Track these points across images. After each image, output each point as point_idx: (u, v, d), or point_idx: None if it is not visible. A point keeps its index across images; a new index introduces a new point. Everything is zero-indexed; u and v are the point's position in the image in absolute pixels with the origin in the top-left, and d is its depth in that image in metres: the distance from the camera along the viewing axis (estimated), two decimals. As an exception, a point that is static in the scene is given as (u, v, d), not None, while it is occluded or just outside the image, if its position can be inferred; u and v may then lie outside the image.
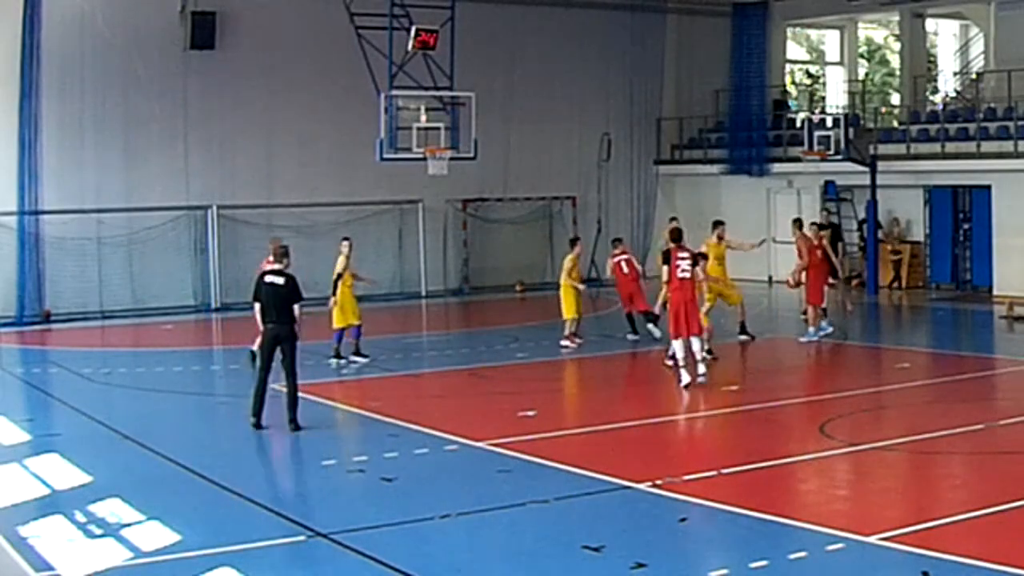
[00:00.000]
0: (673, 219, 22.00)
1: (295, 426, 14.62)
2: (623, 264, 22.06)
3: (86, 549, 10.03)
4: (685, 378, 16.74)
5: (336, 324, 19.56)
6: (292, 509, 11.22)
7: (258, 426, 14.72)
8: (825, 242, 22.13)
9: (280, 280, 14.78)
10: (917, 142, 29.54)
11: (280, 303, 14.68)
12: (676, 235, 17.52)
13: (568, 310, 21.31)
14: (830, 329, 21.42)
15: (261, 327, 14.87)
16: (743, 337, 21.60)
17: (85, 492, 11.90)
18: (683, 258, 17.05)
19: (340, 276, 19.47)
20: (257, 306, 14.92)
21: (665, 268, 17.18)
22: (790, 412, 15.93)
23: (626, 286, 22.02)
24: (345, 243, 19.77)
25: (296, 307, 14.65)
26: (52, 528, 10.61)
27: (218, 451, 14.17)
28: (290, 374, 14.71)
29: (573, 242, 22.58)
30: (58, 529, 10.59)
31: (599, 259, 33.51)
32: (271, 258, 17.56)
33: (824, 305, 21.51)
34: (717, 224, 22.04)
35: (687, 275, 16.99)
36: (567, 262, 21.60)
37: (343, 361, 19.54)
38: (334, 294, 19.46)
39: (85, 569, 9.50)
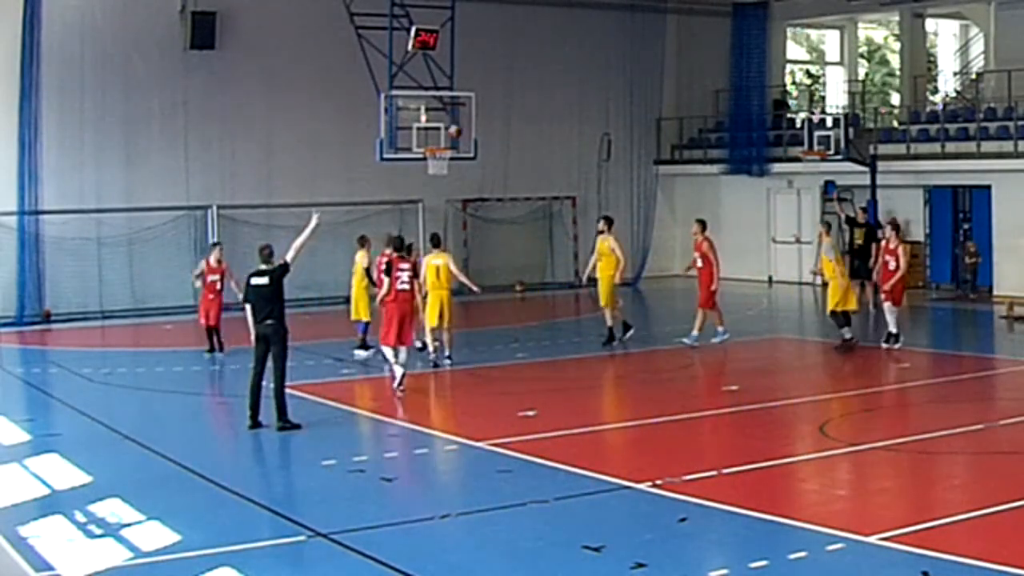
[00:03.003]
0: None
1: (282, 425, 14.62)
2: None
3: (86, 549, 10.03)
4: (399, 371, 16.84)
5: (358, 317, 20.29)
6: (292, 509, 11.23)
7: (254, 425, 14.73)
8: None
9: (264, 280, 14.85)
10: (917, 142, 29.54)
11: (264, 303, 14.75)
12: (398, 244, 17.40)
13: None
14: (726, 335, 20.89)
15: (252, 329, 14.95)
16: (615, 343, 21.06)
17: (85, 492, 11.90)
18: (403, 269, 16.99)
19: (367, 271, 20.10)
20: (248, 308, 15.01)
21: (386, 279, 17.02)
22: (790, 412, 15.93)
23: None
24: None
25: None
26: (52, 528, 10.61)
27: (218, 451, 14.18)
28: (276, 373, 14.71)
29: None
30: (58, 529, 10.59)
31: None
32: (389, 250, 18.11)
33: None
34: (605, 219, 21.97)
35: (406, 286, 16.92)
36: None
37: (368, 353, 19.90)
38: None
39: (85, 569, 9.50)
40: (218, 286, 20.47)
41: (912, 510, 11.01)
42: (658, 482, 11.63)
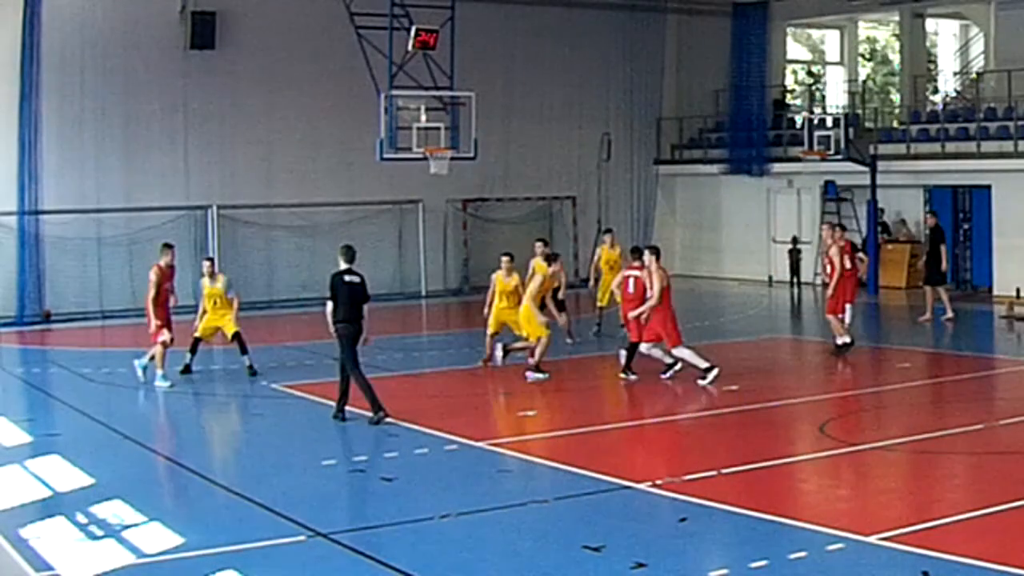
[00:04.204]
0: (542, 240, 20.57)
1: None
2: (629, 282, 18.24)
3: (88, 551, 10.03)
4: None
5: None
6: (292, 509, 11.22)
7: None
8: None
9: (356, 279, 15.03)
10: (917, 142, 29.55)
11: (355, 302, 14.93)
12: (657, 252, 17.14)
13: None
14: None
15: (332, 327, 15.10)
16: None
17: (86, 493, 11.89)
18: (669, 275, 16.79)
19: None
20: (330, 305, 15.11)
21: None
22: (790, 412, 15.94)
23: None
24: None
25: (364, 307, 15.00)
26: (53, 529, 10.61)
27: (218, 451, 14.17)
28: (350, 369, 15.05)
29: (553, 258, 20.55)
30: (59, 530, 10.59)
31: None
32: None
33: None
34: (608, 231, 21.97)
35: None
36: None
37: None
38: None
39: (87, 571, 9.51)
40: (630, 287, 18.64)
41: (912, 510, 11.01)
42: (658, 482, 11.63)
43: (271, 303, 28.11)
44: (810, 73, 43.00)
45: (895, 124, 33.75)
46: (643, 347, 17.45)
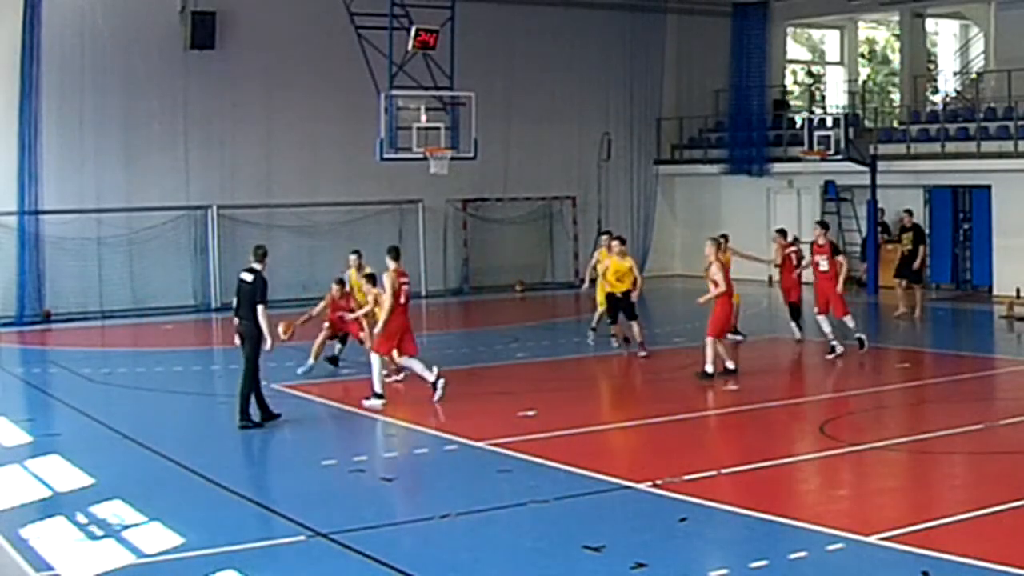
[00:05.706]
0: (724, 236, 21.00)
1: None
2: (793, 256, 21.93)
3: (88, 551, 10.03)
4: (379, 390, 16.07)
5: None
6: (292, 509, 11.22)
7: (263, 420, 14.98)
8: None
9: (247, 277, 15.10)
10: (917, 142, 29.55)
11: (243, 300, 15.17)
12: (396, 254, 16.72)
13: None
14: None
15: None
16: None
17: (86, 493, 11.90)
18: (405, 282, 16.59)
19: None
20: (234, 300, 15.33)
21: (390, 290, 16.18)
22: (790, 412, 15.94)
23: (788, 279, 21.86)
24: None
25: (260, 307, 15.02)
26: (53, 529, 10.61)
27: (218, 451, 14.17)
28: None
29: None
30: (59, 530, 10.59)
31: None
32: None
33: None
34: (607, 234, 21.67)
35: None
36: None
37: None
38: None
39: (87, 571, 9.51)
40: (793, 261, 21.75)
41: (912, 510, 11.01)
42: (658, 482, 11.63)
43: (271, 303, 27.93)
44: (810, 73, 42.99)
45: (895, 124, 33.74)
46: (404, 360, 16.95)
